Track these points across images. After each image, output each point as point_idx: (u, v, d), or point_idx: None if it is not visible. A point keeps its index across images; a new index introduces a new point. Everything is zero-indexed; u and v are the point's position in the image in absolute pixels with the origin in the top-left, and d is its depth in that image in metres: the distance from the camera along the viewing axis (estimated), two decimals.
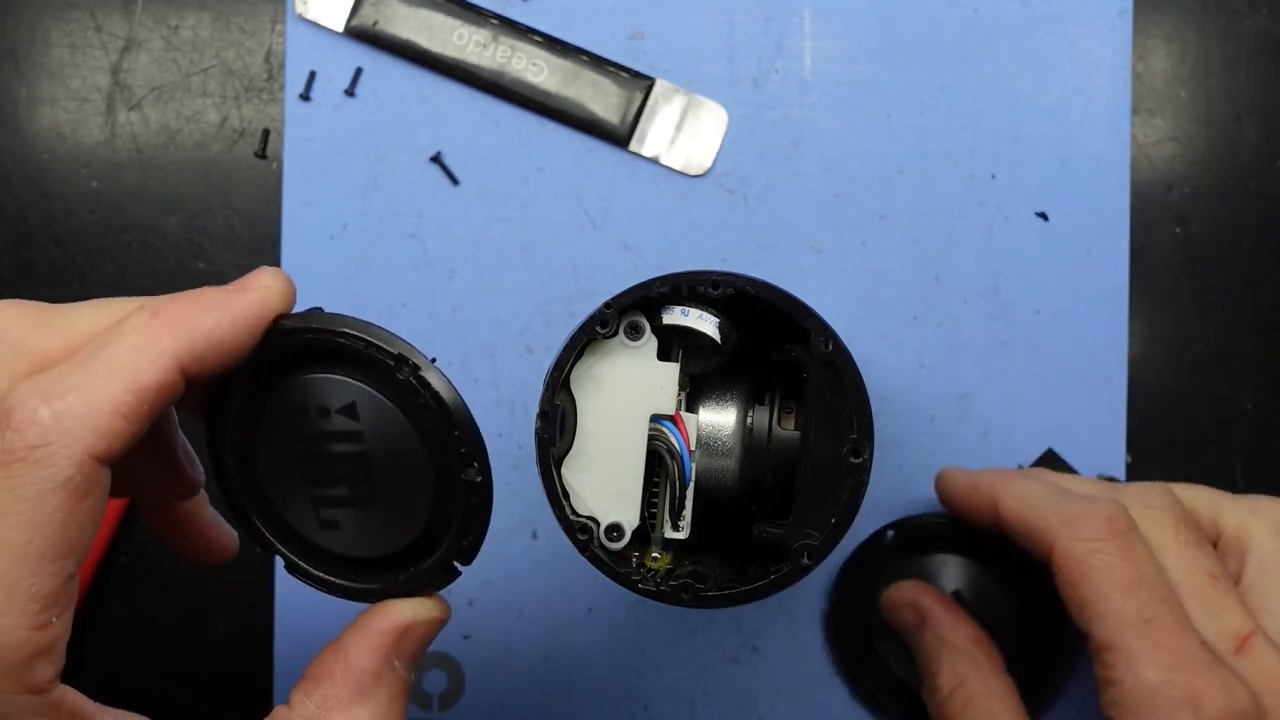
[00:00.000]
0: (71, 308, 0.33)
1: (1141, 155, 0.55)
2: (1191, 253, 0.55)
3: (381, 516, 0.35)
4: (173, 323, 0.32)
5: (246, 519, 0.37)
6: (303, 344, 0.34)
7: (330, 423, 0.34)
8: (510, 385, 0.55)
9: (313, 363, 0.34)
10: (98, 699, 0.34)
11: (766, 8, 0.55)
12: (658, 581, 0.39)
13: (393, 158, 0.55)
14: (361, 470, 0.35)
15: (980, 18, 0.55)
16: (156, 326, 0.31)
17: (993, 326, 0.55)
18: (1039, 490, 0.44)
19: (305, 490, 0.35)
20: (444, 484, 0.34)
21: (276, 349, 0.34)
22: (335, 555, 0.36)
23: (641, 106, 0.55)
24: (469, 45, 0.55)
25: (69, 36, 0.56)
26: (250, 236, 0.56)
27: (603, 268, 0.55)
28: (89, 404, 0.30)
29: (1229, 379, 0.55)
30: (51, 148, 0.56)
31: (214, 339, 0.32)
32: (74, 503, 0.30)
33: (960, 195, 0.55)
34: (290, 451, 0.35)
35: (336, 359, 0.34)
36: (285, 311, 0.34)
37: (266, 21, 0.56)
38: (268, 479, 0.36)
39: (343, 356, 0.34)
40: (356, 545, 0.36)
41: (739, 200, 0.55)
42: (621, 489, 0.40)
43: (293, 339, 0.34)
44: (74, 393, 0.30)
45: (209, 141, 0.56)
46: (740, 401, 0.42)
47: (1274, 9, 0.55)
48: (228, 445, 0.36)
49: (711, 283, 0.39)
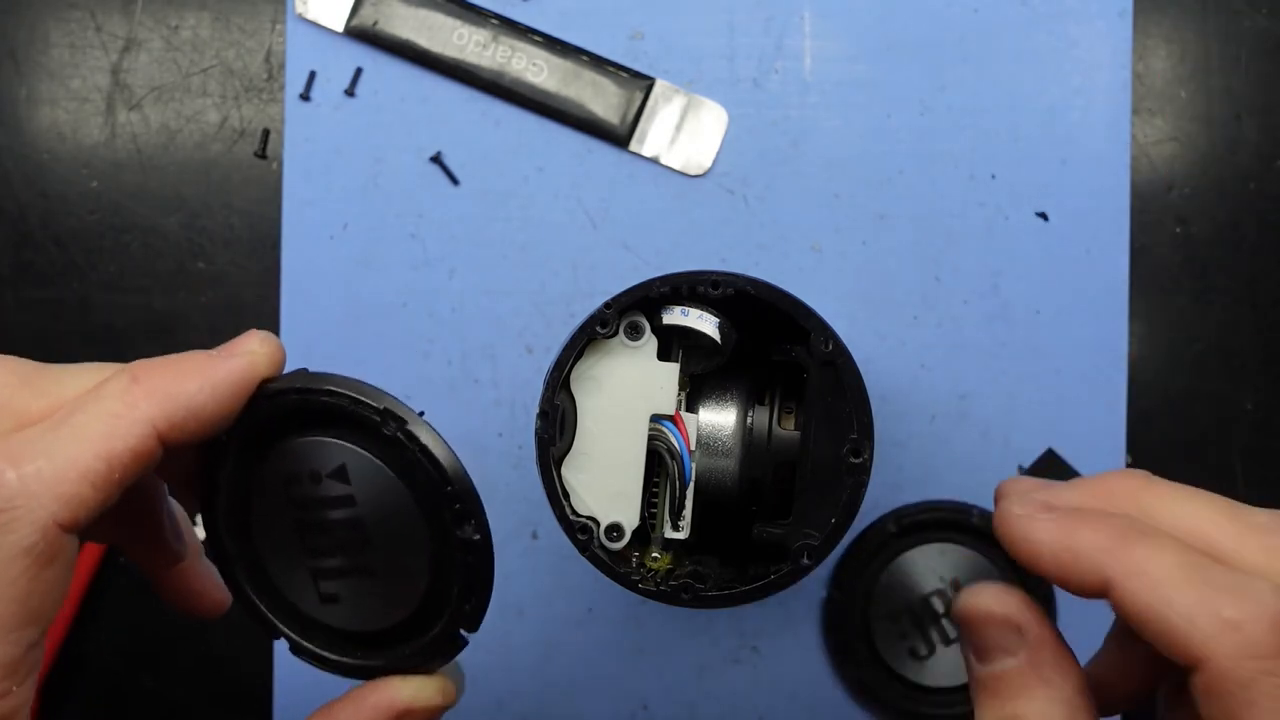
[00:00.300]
0: (61, 369, 0.32)
1: (1141, 155, 0.55)
2: (1191, 253, 0.55)
3: (382, 586, 0.34)
4: (152, 388, 0.30)
5: (246, 598, 0.35)
6: (289, 406, 0.33)
7: (322, 488, 0.33)
8: (510, 385, 0.55)
9: (301, 425, 0.33)
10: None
11: (766, 8, 0.55)
12: (658, 581, 0.39)
13: (393, 158, 0.55)
14: (358, 537, 0.33)
15: (980, 18, 0.55)
16: (135, 392, 0.30)
17: (993, 326, 0.55)
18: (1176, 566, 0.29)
19: (303, 562, 0.34)
20: (441, 545, 0.33)
21: (263, 413, 0.33)
22: (337, 630, 0.35)
23: (641, 106, 0.55)
24: (469, 45, 0.55)
25: (69, 36, 0.56)
26: (250, 236, 0.56)
27: (603, 268, 0.55)
28: (57, 470, 0.29)
29: (1229, 379, 0.55)
30: (51, 148, 0.56)
31: (194, 406, 0.31)
32: (37, 570, 0.29)
33: (960, 195, 0.55)
34: (285, 521, 0.34)
35: (325, 420, 0.33)
36: (272, 376, 0.33)
37: (266, 21, 0.56)
38: (265, 552, 0.35)
39: (331, 417, 0.33)
40: (358, 619, 0.34)
41: (739, 200, 0.55)
42: (621, 489, 0.40)
43: (278, 402, 0.33)
44: (43, 457, 0.29)
45: (209, 141, 0.56)
46: (740, 401, 0.42)
47: (1274, 9, 0.55)
48: (221, 518, 0.35)
49: (711, 283, 0.39)
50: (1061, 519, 0.31)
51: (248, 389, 0.32)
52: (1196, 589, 0.28)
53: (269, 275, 0.56)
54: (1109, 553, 0.30)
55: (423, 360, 0.55)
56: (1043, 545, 0.31)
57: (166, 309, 0.56)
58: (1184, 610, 0.28)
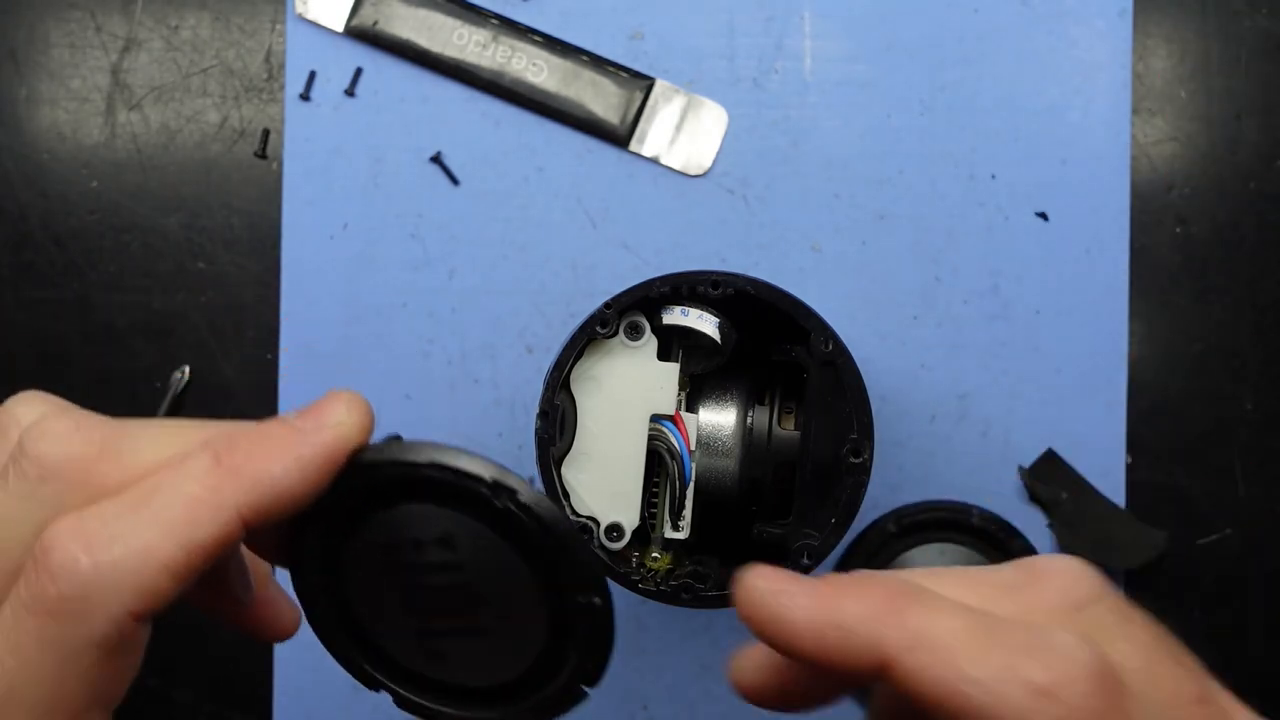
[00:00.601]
0: (139, 432, 0.30)
1: (1141, 155, 0.55)
2: (1191, 253, 0.55)
3: (492, 645, 0.33)
4: (237, 470, 0.28)
5: (346, 658, 0.34)
6: (386, 480, 0.31)
7: (425, 555, 0.31)
8: (510, 385, 0.55)
9: (398, 495, 0.31)
10: None
11: (766, 8, 0.55)
12: (658, 581, 0.39)
13: (393, 158, 0.55)
14: (465, 601, 0.32)
15: (980, 18, 0.55)
16: (218, 475, 0.28)
17: (993, 326, 0.55)
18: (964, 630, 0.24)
19: (406, 624, 0.33)
20: (558, 608, 0.31)
21: (357, 486, 0.31)
22: (445, 684, 0.34)
23: (641, 106, 0.55)
24: (469, 45, 0.55)
25: (69, 36, 0.56)
26: (250, 236, 0.56)
27: (603, 268, 0.55)
28: (135, 559, 0.27)
29: (1229, 379, 0.55)
30: (51, 148, 0.56)
31: (281, 489, 0.28)
32: (108, 660, 0.27)
33: (960, 195, 0.55)
34: (385, 586, 0.32)
35: (426, 491, 0.31)
36: (362, 444, 0.30)
37: (266, 21, 0.56)
38: (363, 613, 0.33)
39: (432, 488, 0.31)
40: (467, 675, 0.33)
41: (739, 200, 0.55)
42: (621, 489, 0.40)
43: (373, 476, 0.31)
44: (119, 543, 0.27)
45: (209, 141, 0.56)
46: (740, 401, 0.42)
47: (1274, 9, 0.55)
48: (314, 583, 0.33)
49: (711, 283, 0.39)
50: (820, 587, 0.25)
51: (337, 464, 0.30)
52: (994, 655, 0.24)
53: (269, 275, 0.56)
54: (881, 622, 0.25)
55: (423, 360, 0.55)
56: (799, 624, 0.25)
57: (166, 309, 0.56)
58: (985, 682, 0.23)
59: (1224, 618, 0.54)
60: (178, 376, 0.56)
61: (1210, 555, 0.54)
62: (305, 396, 0.55)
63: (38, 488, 0.28)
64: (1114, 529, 0.54)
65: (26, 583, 0.27)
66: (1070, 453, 0.54)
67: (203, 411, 0.56)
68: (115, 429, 0.30)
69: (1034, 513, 0.54)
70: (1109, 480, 0.54)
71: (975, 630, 0.24)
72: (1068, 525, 0.54)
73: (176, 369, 0.56)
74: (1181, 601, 0.54)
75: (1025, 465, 0.54)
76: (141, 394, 0.56)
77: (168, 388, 0.55)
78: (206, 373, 0.56)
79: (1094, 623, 0.26)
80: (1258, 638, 0.54)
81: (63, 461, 0.29)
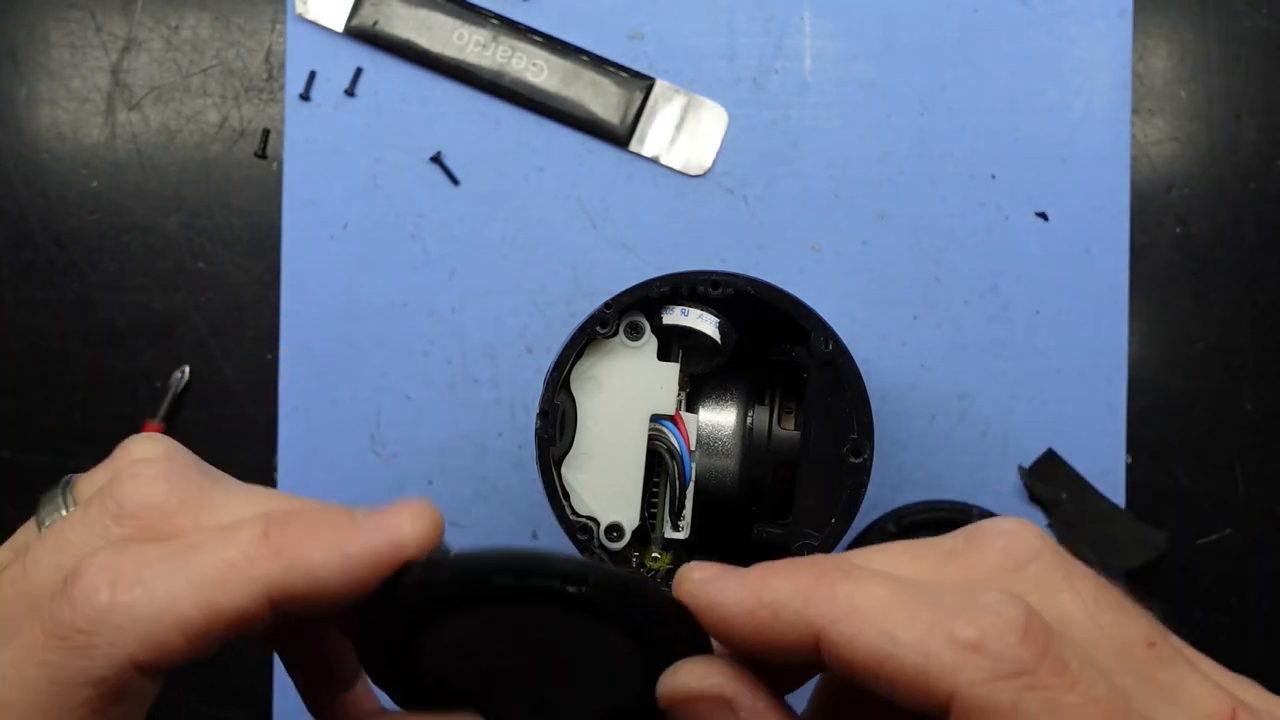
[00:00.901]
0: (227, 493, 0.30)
1: (1141, 155, 0.55)
2: (1191, 253, 0.55)
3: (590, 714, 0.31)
4: (279, 549, 0.27)
5: None
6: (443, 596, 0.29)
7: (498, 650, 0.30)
8: (510, 385, 0.55)
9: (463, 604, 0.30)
10: None
11: (766, 8, 0.55)
12: (658, 582, 0.39)
13: (393, 158, 0.55)
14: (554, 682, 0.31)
15: (980, 18, 0.55)
16: (259, 548, 0.27)
17: (993, 326, 0.55)
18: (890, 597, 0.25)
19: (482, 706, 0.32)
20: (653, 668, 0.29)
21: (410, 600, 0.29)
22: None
23: (641, 106, 0.55)
24: (469, 45, 0.55)
25: (69, 36, 0.56)
26: (250, 236, 0.56)
27: (603, 268, 0.55)
28: (152, 607, 0.26)
29: (1229, 379, 0.55)
30: (51, 148, 0.56)
31: (319, 577, 0.27)
32: (101, 704, 0.27)
33: (960, 195, 0.55)
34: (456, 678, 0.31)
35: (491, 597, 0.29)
36: (416, 559, 0.29)
37: (266, 21, 0.56)
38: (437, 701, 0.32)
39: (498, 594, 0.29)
40: None
41: (739, 200, 0.55)
42: (621, 489, 0.40)
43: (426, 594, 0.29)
44: (142, 587, 0.26)
45: (209, 141, 0.56)
46: (740, 401, 0.42)
47: (1274, 9, 0.55)
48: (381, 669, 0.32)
49: (711, 283, 0.39)
50: (751, 572, 0.27)
51: (384, 569, 0.28)
52: (921, 616, 0.24)
53: (269, 275, 0.56)
54: (809, 598, 0.25)
55: (423, 360, 0.55)
56: (730, 606, 0.27)
57: (166, 309, 0.56)
58: (913, 644, 0.24)
59: (1224, 618, 0.54)
60: (178, 376, 0.56)
61: (1210, 555, 0.54)
62: (305, 396, 0.55)
63: (112, 526, 0.29)
64: (1114, 529, 0.54)
65: (52, 602, 0.27)
66: (1070, 453, 0.54)
67: (203, 411, 0.56)
68: (203, 486, 0.30)
69: (1034, 513, 0.54)
70: (1109, 480, 0.54)
71: (901, 596, 0.25)
72: (1068, 525, 0.54)
73: (176, 369, 0.56)
74: (1181, 601, 0.54)
75: (1025, 465, 0.54)
76: (141, 394, 0.56)
77: (168, 388, 0.55)
78: (206, 373, 0.56)
79: (1036, 579, 0.26)
80: (1258, 638, 0.54)
81: (142, 506, 0.29)
